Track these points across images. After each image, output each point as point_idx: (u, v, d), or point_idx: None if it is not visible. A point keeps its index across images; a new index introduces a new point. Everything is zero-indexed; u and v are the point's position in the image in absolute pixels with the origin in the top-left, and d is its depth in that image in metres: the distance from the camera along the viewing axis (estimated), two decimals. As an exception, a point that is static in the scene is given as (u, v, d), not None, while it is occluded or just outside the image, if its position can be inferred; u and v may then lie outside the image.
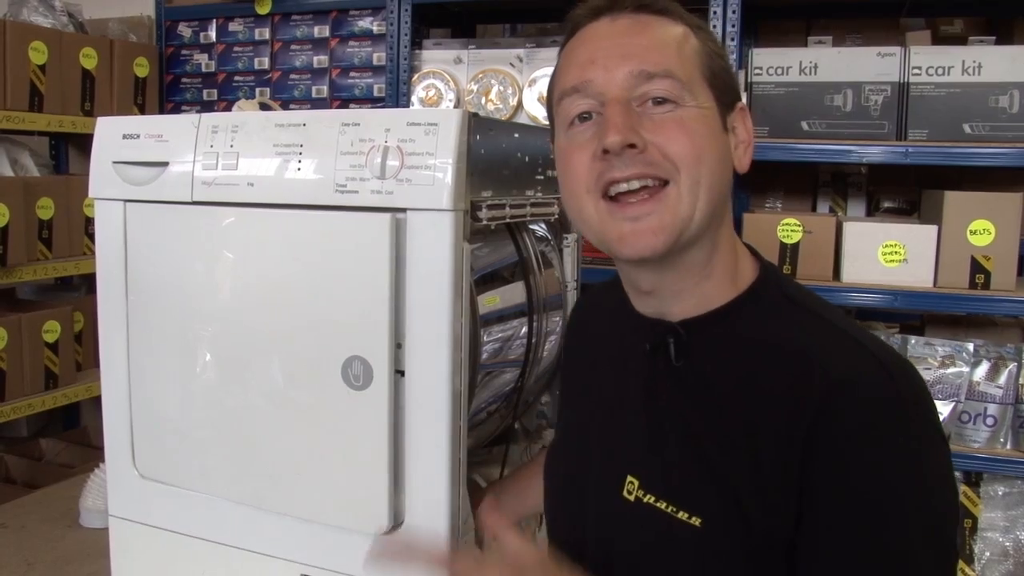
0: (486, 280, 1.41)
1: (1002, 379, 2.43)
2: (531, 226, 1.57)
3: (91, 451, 3.30)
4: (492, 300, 1.42)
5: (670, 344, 1.04)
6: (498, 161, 1.30)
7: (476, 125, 1.20)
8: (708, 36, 1.04)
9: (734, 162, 1.03)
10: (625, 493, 1.06)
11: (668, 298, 1.05)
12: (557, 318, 1.62)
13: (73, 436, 3.52)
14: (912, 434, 0.90)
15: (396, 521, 1.24)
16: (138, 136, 1.40)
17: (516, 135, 1.37)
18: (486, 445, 1.61)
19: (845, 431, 0.89)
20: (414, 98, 2.98)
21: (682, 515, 0.98)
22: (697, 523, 0.97)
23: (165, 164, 1.36)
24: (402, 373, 1.21)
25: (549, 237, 1.62)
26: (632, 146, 0.95)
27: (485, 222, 1.25)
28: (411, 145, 1.17)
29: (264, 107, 1.68)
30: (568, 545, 1.11)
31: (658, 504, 1.01)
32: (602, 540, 1.08)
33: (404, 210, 1.18)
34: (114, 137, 1.42)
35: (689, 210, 0.97)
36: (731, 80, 1.04)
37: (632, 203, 0.97)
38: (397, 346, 1.21)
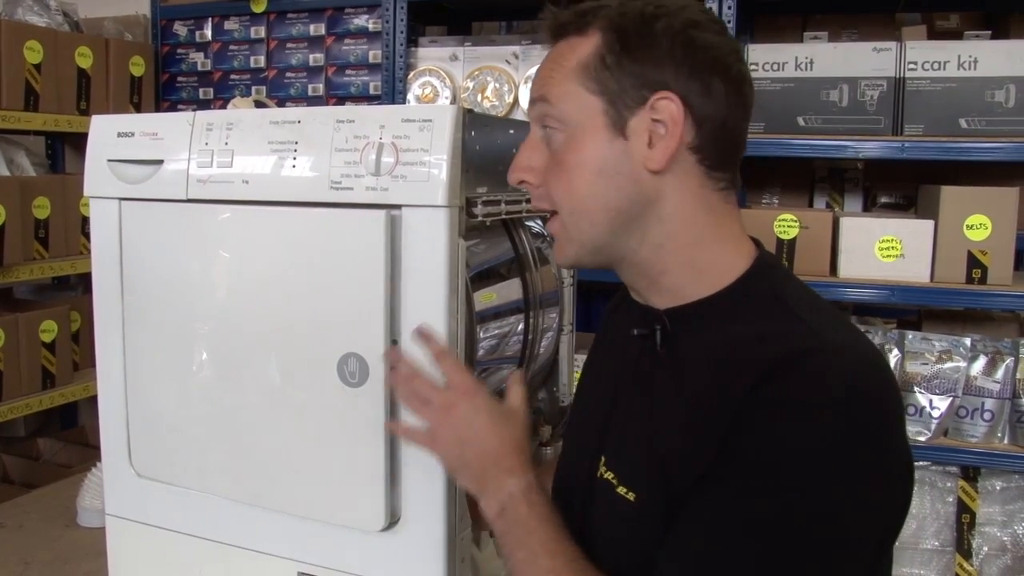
0: (482, 277, 1.41)
1: (999, 374, 2.43)
2: (527, 222, 1.57)
3: (88, 450, 3.30)
4: (488, 297, 1.42)
5: (656, 331, 1.07)
6: (493, 157, 1.29)
7: (471, 121, 1.20)
8: (629, 35, 1.00)
9: (645, 162, 1.00)
10: (599, 473, 1.10)
11: (642, 291, 1.09)
12: (553, 314, 1.62)
13: (70, 436, 3.51)
14: (832, 427, 0.88)
15: (392, 518, 1.24)
16: (133, 134, 1.40)
17: (511, 131, 1.37)
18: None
19: (763, 402, 0.90)
20: (410, 96, 2.98)
21: (621, 489, 1.04)
22: (631, 497, 1.02)
23: (160, 162, 1.36)
24: (398, 370, 1.21)
25: (545, 233, 1.62)
26: (523, 181, 1.08)
27: (480, 218, 1.25)
28: (406, 141, 1.17)
29: (259, 105, 1.68)
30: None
31: (611, 480, 1.07)
32: (581, 516, 1.11)
33: (399, 207, 1.18)
34: (109, 135, 1.41)
35: (576, 235, 1.05)
36: (643, 77, 1.00)
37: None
38: (393, 343, 1.20)
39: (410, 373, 1.16)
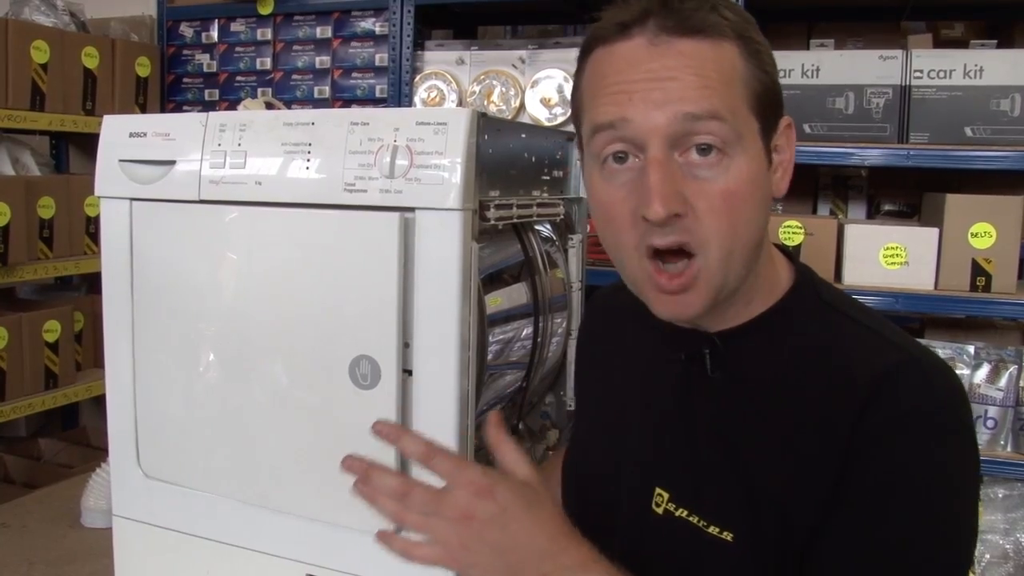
0: (491, 280, 1.41)
1: (1003, 382, 2.43)
2: (536, 226, 1.57)
3: (90, 451, 3.30)
4: (496, 300, 1.42)
5: (706, 355, 1.01)
6: (505, 161, 1.30)
7: (484, 125, 1.20)
8: (754, 45, 0.94)
9: (772, 188, 0.96)
10: (654, 506, 1.04)
11: (705, 317, 1.01)
12: (561, 319, 1.62)
13: (72, 436, 3.51)
14: (944, 432, 0.89)
15: (403, 520, 1.24)
16: (145, 134, 1.40)
17: (523, 135, 1.38)
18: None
19: (882, 423, 0.88)
20: (416, 99, 2.98)
21: (713, 530, 0.96)
22: (729, 538, 0.95)
23: (172, 163, 1.36)
24: (410, 372, 1.21)
25: (554, 237, 1.62)
26: (676, 214, 0.91)
27: (493, 222, 1.25)
28: (420, 144, 1.17)
29: (269, 107, 1.68)
30: None
31: (690, 519, 0.99)
32: (630, 553, 1.00)
33: (413, 209, 1.18)
34: (120, 135, 1.42)
35: (721, 279, 0.94)
36: (776, 96, 0.95)
37: (670, 266, 0.95)
38: (405, 345, 1.21)
39: (395, 485, 0.94)
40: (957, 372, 2.37)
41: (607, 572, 0.91)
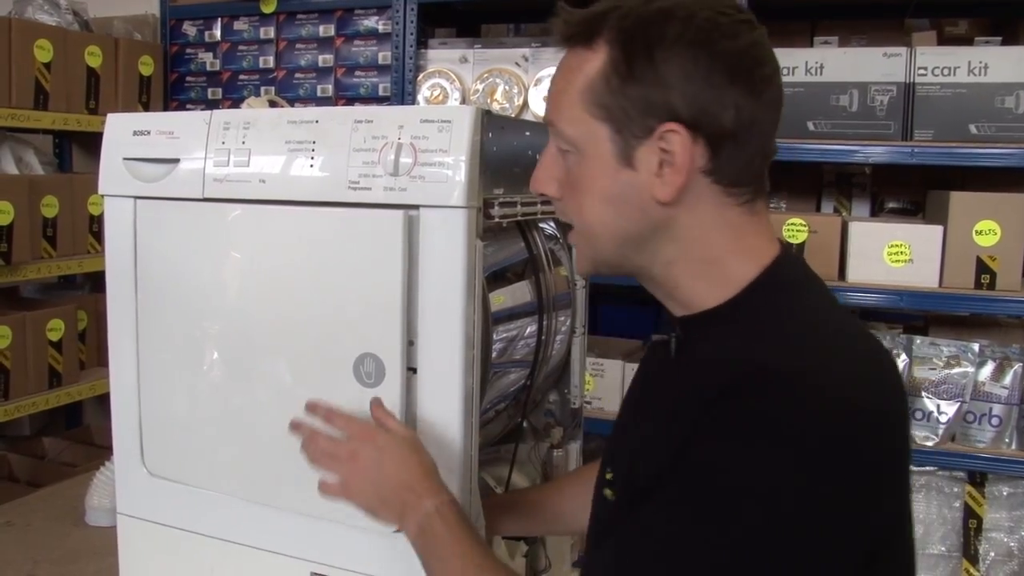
0: (495, 278, 1.41)
1: (1007, 379, 2.43)
2: (540, 224, 1.57)
3: (93, 450, 3.30)
4: (499, 299, 1.42)
5: (672, 339, 1.05)
6: (509, 159, 1.29)
7: (488, 122, 1.20)
8: (640, 53, 0.94)
9: (653, 192, 0.96)
10: (605, 490, 1.11)
11: (660, 299, 1.07)
12: (565, 317, 1.62)
13: (76, 435, 3.51)
14: (758, 455, 0.85)
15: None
16: (149, 133, 1.40)
17: (527, 133, 1.37)
18: (494, 444, 1.61)
19: (708, 424, 0.88)
20: (419, 97, 2.98)
21: (607, 491, 1.09)
22: (611, 496, 1.07)
23: (176, 161, 1.36)
24: (414, 370, 1.21)
25: (558, 235, 1.62)
26: (547, 193, 1.06)
27: (497, 219, 1.25)
28: (424, 142, 1.17)
29: (272, 105, 1.68)
30: None
31: (607, 478, 1.10)
32: (595, 547, 1.14)
33: (417, 207, 1.18)
34: (124, 133, 1.42)
35: (591, 252, 1.05)
36: (650, 104, 0.94)
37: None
38: (409, 343, 1.20)
39: (313, 433, 1.19)
40: (961, 369, 2.38)
41: (455, 516, 1.09)
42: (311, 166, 1.25)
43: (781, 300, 0.99)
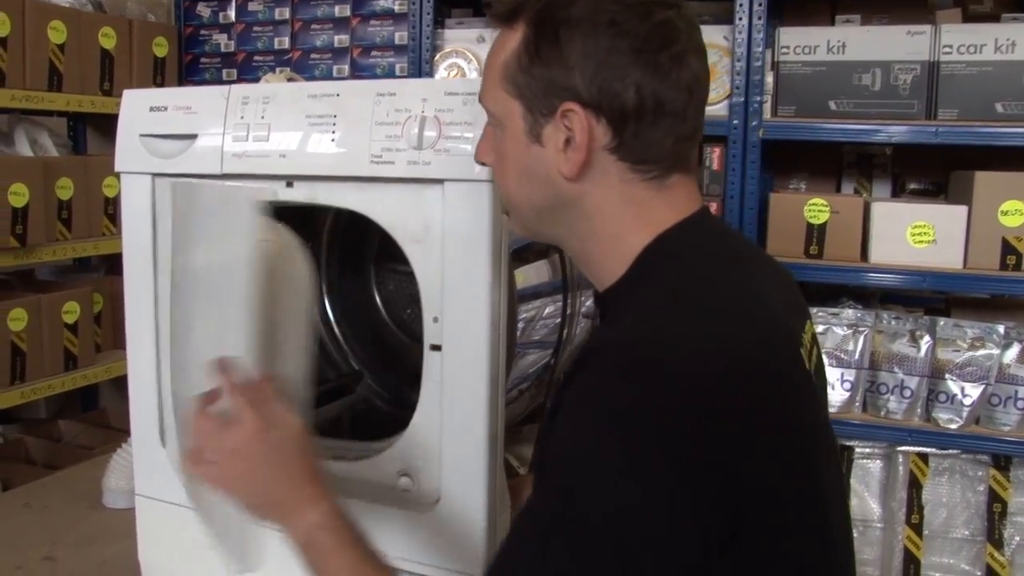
0: (517, 256, 1.39)
1: (1034, 362, 2.40)
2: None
3: (110, 432, 3.29)
4: (521, 277, 1.40)
5: (598, 314, 1.10)
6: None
7: (514, 95, 1.18)
8: (551, 33, 0.96)
9: (560, 168, 0.97)
10: None
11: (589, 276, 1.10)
12: (588, 297, 1.60)
13: (92, 418, 3.51)
14: (599, 414, 0.85)
15: (433, 497, 1.22)
16: (166, 108, 1.38)
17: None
18: (517, 424, 1.59)
19: (561, 398, 0.92)
20: (436, 77, 2.96)
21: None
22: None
23: (194, 136, 1.34)
24: (438, 348, 1.19)
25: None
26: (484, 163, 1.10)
27: (522, 194, 1.22)
28: (449, 115, 1.15)
29: (291, 81, 1.66)
30: None
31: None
32: None
33: (441, 181, 1.16)
34: (141, 110, 1.40)
35: (516, 218, 1.08)
36: (552, 84, 0.96)
37: None
38: (433, 320, 1.18)
39: (203, 415, 1.08)
40: (986, 351, 2.35)
41: (342, 526, 1.03)
42: (332, 140, 1.23)
43: (657, 271, 0.99)
